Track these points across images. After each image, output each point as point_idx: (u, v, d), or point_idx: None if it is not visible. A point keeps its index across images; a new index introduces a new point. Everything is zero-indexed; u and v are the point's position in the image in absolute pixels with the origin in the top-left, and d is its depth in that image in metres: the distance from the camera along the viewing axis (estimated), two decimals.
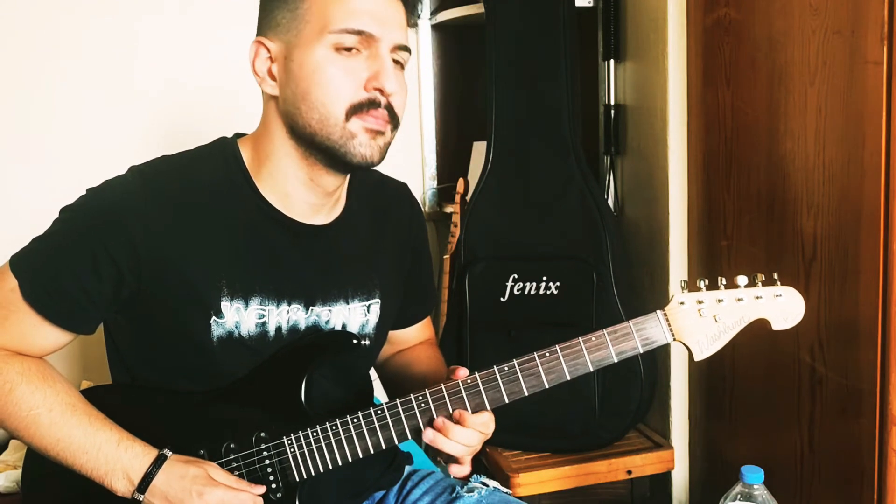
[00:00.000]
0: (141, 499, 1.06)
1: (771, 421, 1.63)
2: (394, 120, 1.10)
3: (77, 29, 2.04)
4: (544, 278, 1.84)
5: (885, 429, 1.34)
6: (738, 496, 1.19)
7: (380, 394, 1.40)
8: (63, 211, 1.11)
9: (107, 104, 2.08)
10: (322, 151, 1.10)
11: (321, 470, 1.12)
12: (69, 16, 2.03)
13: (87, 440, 1.07)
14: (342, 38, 1.06)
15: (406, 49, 1.11)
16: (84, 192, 1.12)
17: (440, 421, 1.10)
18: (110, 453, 1.07)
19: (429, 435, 1.10)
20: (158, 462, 1.07)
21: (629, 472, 1.83)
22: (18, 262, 1.10)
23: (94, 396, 1.13)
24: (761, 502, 1.18)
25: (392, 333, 1.36)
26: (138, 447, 1.08)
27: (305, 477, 1.12)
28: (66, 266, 1.08)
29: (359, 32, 1.06)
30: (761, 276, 1.09)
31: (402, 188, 1.34)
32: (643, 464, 1.85)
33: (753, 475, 1.18)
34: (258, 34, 1.12)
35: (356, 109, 1.07)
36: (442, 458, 1.16)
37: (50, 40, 2.03)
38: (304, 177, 1.13)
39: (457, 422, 1.10)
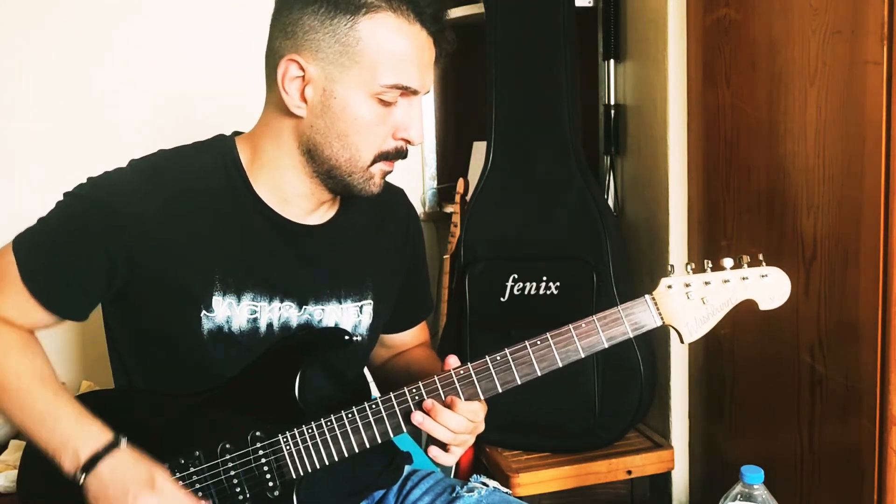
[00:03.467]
0: (81, 479, 1.04)
1: (771, 421, 1.63)
2: (403, 157, 1.15)
3: (79, 28, 2.05)
4: (544, 278, 1.84)
5: (885, 429, 1.33)
6: (738, 496, 1.19)
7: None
8: (65, 196, 1.13)
9: (108, 102, 2.09)
10: (334, 179, 1.13)
11: (318, 466, 1.12)
12: (75, 14, 2.04)
13: (47, 412, 1.07)
14: (390, 93, 1.08)
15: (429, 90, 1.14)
16: (84, 180, 1.14)
17: (429, 402, 1.09)
18: (67, 428, 1.06)
19: (417, 417, 1.09)
20: (109, 447, 1.05)
21: (629, 472, 1.83)
22: (20, 243, 1.12)
23: (92, 400, 1.13)
24: (761, 502, 1.18)
25: (388, 337, 1.37)
26: (95, 428, 1.07)
27: (302, 474, 1.12)
28: (62, 253, 1.10)
29: (405, 88, 1.08)
30: (746, 258, 1.10)
31: (400, 195, 1.35)
32: (643, 464, 1.85)
33: (753, 475, 1.18)
34: (288, 50, 1.08)
35: (382, 157, 1.12)
36: (430, 443, 1.14)
37: (51, 38, 2.04)
38: (306, 189, 1.15)
39: (447, 406, 1.09)
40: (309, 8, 1.07)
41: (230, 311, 1.12)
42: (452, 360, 1.12)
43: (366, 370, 1.37)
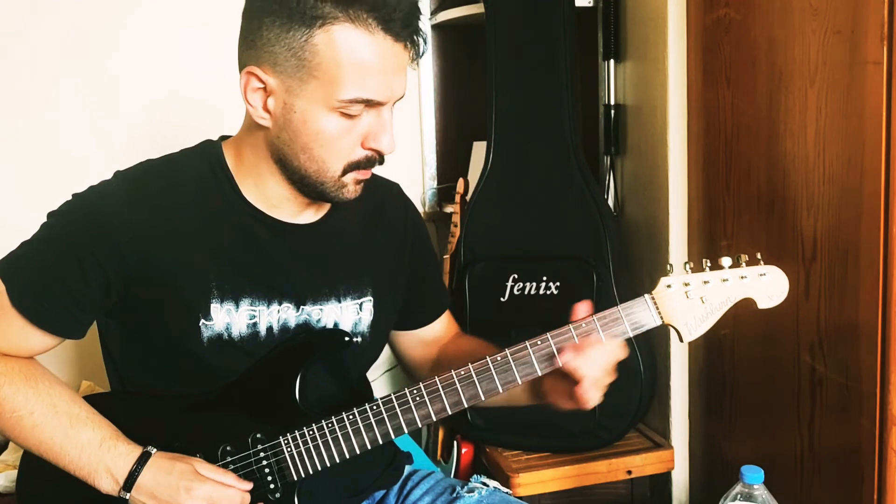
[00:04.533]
0: (127, 497, 1.06)
1: (771, 421, 1.63)
2: (380, 163, 1.13)
3: (64, 34, 2.04)
4: (544, 278, 1.84)
5: (885, 429, 1.33)
6: (738, 496, 1.19)
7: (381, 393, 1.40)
8: (50, 216, 1.12)
9: (107, 102, 2.08)
10: (308, 187, 1.12)
11: (318, 468, 1.12)
12: (58, 20, 2.04)
13: (67, 443, 1.07)
14: (352, 106, 1.04)
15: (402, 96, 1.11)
16: (70, 198, 1.12)
17: (576, 341, 1.07)
18: (92, 454, 1.07)
19: (566, 357, 1.06)
20: (143, 460, 1.07)
21: (629, 472, 1.83)
22: (6, 268, 1.10)
23: (91, 404, 1.13)
24: (761, 502, 1.18)
25: (421, 334, 1.36)
26: (122, 446, 1.08)
27: (303, 476, 1.13)
28: (54, 273, 1.08)
29: (367, 101, 1.05)
30: (745, 257, 1.11)
31: (394, 188, 1.34)
32: (643, 464, 1.85)
33: (753, 475, 1.18)
34: (249, 61, 1.07)
35: (353, 167, 1.09)
36: (574, 389, 1.07)
37: (52, 38, 2.03)
38: (288, 194, 1.15)
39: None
40: (266, 20, 1.04)
41: (229, 318, 1.12)
42: (582, 309, 1.10)
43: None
